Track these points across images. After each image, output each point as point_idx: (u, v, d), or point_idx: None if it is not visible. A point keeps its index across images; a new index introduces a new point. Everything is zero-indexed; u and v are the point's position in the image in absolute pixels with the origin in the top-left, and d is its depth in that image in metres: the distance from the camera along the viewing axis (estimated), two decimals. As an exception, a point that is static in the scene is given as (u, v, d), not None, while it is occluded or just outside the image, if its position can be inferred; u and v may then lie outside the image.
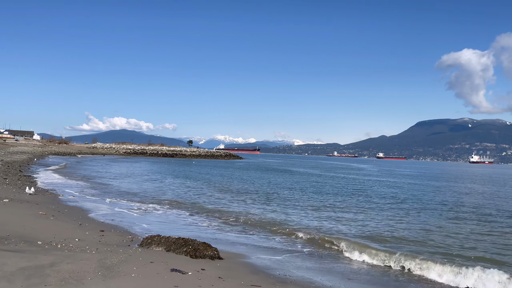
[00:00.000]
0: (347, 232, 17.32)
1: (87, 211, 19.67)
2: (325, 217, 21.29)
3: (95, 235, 13.52)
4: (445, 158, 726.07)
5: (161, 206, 23.44)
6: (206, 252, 11.67)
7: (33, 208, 17.80)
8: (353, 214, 22.89)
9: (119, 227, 15.99)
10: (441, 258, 13.01)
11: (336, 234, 16.53)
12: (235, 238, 15.89)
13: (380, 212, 23.96)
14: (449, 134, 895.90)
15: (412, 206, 27.40)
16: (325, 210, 24.21)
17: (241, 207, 24.52)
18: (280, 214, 21.94)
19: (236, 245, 14.43)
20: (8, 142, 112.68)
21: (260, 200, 28.40)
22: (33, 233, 12.60)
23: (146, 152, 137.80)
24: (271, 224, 18.65)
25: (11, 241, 11.14)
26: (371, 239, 15.88)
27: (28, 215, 15.58)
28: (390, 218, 21.52)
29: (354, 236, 16.27)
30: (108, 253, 10.96)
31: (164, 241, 12.34)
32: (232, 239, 15.52)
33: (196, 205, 24.35)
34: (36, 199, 21.00)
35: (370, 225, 19.32)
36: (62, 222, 15.17)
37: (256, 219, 19.87)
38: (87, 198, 24.93)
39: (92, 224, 15.76)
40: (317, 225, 18.73)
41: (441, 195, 36.89)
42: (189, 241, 12.12)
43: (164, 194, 29.56)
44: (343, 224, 19.43)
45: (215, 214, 21.35)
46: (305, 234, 16.48)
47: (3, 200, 18.89)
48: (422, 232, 17.67)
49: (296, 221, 19.90)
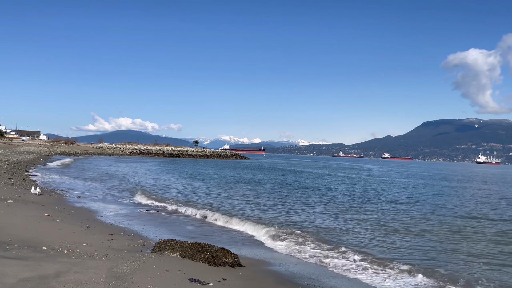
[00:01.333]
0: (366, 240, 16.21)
1: (94, 212, 18.76)
2: (351, 219, 20.21)
3: (104, 239, 12.56)
4: (451, 158, 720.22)
5: (171, 207, 22.48)
6: (226, 258, 10.66)
7: (38, 209, 16.91)
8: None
9: (129, 230, 15.03)
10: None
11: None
12: (254, 242, 14.86)
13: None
14: (455, 134, 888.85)
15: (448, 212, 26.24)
16: (351, 212, 23.14)
17: (257, 209, 23.50)
18: (296, 215, 20.89)
19: (255, 250, 13.40)
20: (15, 142, 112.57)
21: (276, 202, 27.36)
22: (38, 237, 11.67)
23: (152, 152, 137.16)
24: (290, 227, 17.59)
25: (13, 246, 10.20)
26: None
27: (32, 217, 14.67)
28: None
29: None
30: (119, 260, 9.98)
31: (179, 246, 11.34)
32: (250, 244, 14.48)
33: (207, 207, 23.36)
34: (41, 199, 20.14)
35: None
36: (68, 224, 14.25)
37: (275, 222, 18.82)
38: (94, 199, 24.05)
39: (100, 227, 14.81)
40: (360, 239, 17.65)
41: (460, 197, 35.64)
42: (206, 246, 11.11)
43: (173, 195, 28.60)
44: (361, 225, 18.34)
45: (231, 215, 20.32)
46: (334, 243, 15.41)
47: (7, 201, 18.03)
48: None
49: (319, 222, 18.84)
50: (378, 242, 15.20)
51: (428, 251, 14.03)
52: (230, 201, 26.50)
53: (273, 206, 24.70)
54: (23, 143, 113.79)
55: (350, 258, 12.66)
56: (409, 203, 28.59)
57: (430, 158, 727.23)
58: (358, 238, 15.87)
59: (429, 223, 19.99)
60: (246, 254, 12.52)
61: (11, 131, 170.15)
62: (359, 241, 15.20)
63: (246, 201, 26.43)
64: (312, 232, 16.44)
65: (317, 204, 26.32)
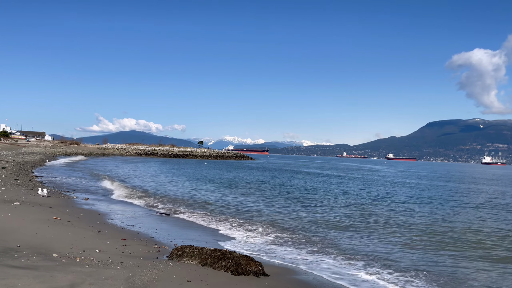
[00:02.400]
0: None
1: (104, 215, 18.08)
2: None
3: (117, 245, 11.85)
4: (456, 159, 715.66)
5: (182, 210, 21.76)
6: (249, 267, 9.90)
7: (46, 212, 16.24)
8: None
9: (142, 234, 14.31)
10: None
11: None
12: (274, 248, 14.09)
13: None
14: (460, 134, 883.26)
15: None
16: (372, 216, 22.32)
17: (272, 212, 22.74)
18: (314, 215, 20.11)
19: (277, 257, 12.64)
20: (20, 143, 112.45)
21: (292, 202, 26.59)
22: (47, 242, 10.97)
23: (157, 153, 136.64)
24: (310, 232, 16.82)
25: (22, 253, 9.50)
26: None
27: (41, 220, 13.99)
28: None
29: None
30: (136, 268, 9.26)
31: (198, 253, 10.60)
32: (271, 250, 13.71)
33: (219, 208, 22.63)
34: (49, 201, 19.49)
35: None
36: (78, 228, 13.55)
37: (294, 226, 18.05)
38: (103, 200, 23.39)
39: (111, 231, 14.11)
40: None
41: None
42: (227, 253, 10.36)
43: (182, 196, 27.90)
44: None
45: (247, 220, 19.55)
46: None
47: (14, 203, 17.39)
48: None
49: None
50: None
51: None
52: (243, 204, 25.75)
53: (288, 207, 23.96)
54: (28, 143, 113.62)
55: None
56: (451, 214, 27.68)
57: (434, 159, 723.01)
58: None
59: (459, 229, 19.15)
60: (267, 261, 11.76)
61: (16, 132, 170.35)
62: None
63: (263, 204, 25.68)
64: (332, 240, 15.65)
65: (344, 213, 25.48)
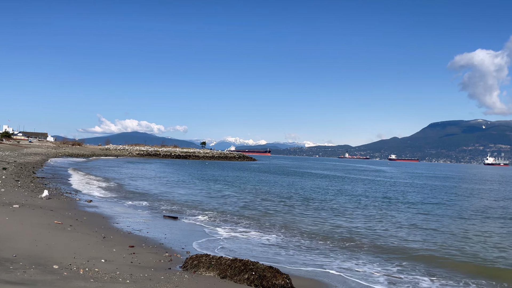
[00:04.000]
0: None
1: (108, 218, 16.96)
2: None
3: (124, 253, 10.71)
4: (458, 160, 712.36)
5: (192, 212, 20.62)
6: (276, 280, 8.75)
7: (47, 215, 15.13)
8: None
9: (150, 240, 13.17)
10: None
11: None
12: (299, 257, 12.90)
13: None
14: (462, 135, 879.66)
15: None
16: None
17: (292, 216, 21.58)
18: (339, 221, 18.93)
19: (304, 264, 11.46)
20: (22, 143, 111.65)
21: (306, 204, 25.43)
22: (47, 251, 9.84)
23: (160, 154, 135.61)
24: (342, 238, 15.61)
25: (18, 265, 8.37)
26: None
27: (41, 225, 12.88)
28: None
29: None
30: (147, 282, 8.12)
31: (216, 263, 9.46)
32: (296, 259, 12.50)
33: (231, 211, 21.48)
34: (50, 204, 18.39)
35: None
36: (82, 234, 12.43)
37: (318, 231, 16.85)
38: (107, 202, 22.29)
39: (117, 237, 12.98)
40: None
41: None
42: (249, 264, 9.21)
43: (189, 198, 26.77)
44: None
45: (264, 225, 18.36)
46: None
47: (13, 206, 16.28)
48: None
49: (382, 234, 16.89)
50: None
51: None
52: (257, 207, 24.61)
53: (306, 210, 22.81)
54: (30, 144, 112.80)
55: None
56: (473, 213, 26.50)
57: (436, 160, 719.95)
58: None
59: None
60: (285, 266, 10.60)
61: (18, 132, 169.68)
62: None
63: (278, 208, 24.53)
64: (370, 243, 14.48)
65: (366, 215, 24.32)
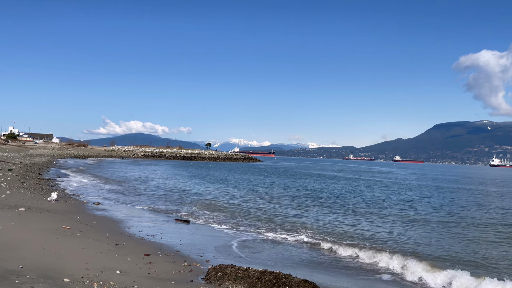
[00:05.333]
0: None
1: (119, 222, 16.08)
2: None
3: (140, 263, 9.80)
4: (463, 161, 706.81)
5: (205, 215, 19.70)
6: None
7: (55, 219, 14.28)
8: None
9: (166, 247, 12.25)
10: None
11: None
12: (340, 270, 11.94)
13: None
14: (467, 137, 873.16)
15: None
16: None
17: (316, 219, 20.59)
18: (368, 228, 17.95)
19: (341, 280, 10.50)
20: (28, 145, 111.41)
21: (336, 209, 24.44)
22: (57, 261, 8.95)
23: (165, 155, 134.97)
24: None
25: (25, 278, 7.48)
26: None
27: (48, 231, 12.01)
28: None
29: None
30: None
31: (243, 276, 8.52)
32: (332, 272, 11.54)
33: (250, 215, 20.51)
34: (57, 207, 17.56)
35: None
36: (93, 240, 11.54)
37: (347, 237, 15.90)
38: (115, 205, 21.44)
39: (130, 243, 12.08)
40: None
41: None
42: (281, 277, 8.26)
43: (200, 200, 25.85)
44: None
45: (284, 228, 17.40)
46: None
47: (18, 209, 15.45)
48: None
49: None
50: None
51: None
52: (271, 210, 23.66)
53: (321, 212, 21.85)
54: (36, 146, 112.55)
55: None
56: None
57: (441, 161, 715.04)
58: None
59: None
60: (321, 280, 9.65)
61: (24, 134, 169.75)
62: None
63: (294, 209, 23.56)
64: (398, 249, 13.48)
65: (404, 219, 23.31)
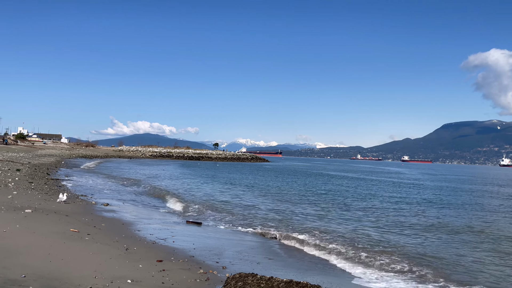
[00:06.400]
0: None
1: (128, 224, 15.41)
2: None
3: (153, 270, 9.06)
4: (472, 161, 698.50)
5: (216, 217, 18.97)
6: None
7: (62, 222, 13.64)
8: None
9: (179, 252, 11.51)
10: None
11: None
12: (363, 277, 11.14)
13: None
14: (476, 136, 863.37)
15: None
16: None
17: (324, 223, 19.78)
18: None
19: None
20: (37, 145, 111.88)
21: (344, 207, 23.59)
22: (63, 268, 8.25)
23: (173, 155, 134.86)
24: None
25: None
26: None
27: (55, 234, 11.35)
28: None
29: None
30: (188, 313, 6.44)
31: (266, 286, 7.73)
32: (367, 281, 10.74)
33: (264, 215, 19.77)
34: (65, 208, 16.96)
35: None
36: (102, 245, 10.84)
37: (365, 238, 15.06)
38: (124, 206, 20.82)
39: (141, 248, 11.36)
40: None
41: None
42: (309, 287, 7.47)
43: (211, 201, 25.15)
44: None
45: (308, 230, 16.61)
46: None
47: (24, 211, 14.85)
48: None
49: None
50: None
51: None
52: (290, 212, 22.87)
53: (335, 212, 21.03)
54: (44, 146, 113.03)
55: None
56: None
57: (450, 161, 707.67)
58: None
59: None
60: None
61: (33, 134, 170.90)
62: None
63: (312, 209, 22.76)
64: (413, 256, 12.62)
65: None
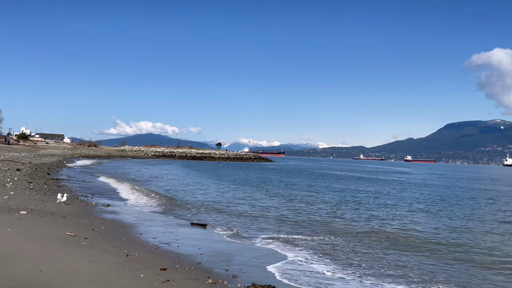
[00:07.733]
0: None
1: (130, 227, 14.47)
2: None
3: (156, 281, 8.09)
4: (476, 161, 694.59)
5: (223, 219, 18.00)
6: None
7: (58, 224, 12.71)
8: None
9: (184, 258, 10.54)
10: None
11: None
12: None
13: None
14: (480, 136, 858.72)
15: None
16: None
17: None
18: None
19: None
20: (39, 145, 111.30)
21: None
22: (55, 279, 7.30)
23: (175, 155, 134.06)
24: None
25: (11, 306, 5.83)
26: None
27: (49, 238, 10.41)
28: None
29: None
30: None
31: (286, 301, 6.76)
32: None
33: (274, 217, 18.77)
34: (63, 209, 16.06)
35: None
36: (100, 251, 9.88)
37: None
38: (126, 206, 19.92)
39: (143, 254, 10.39)
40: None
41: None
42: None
43: (216, 203, 24.20)
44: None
45: (318, 237, 15.60)
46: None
47: (19, 213, 13.94)
48: None
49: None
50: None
51: None
52: (298, 214, 21.88)
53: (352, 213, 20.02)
54: (47, 146, 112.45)
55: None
56: None
57: (453, 161, 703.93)
58: None
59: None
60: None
61: (35, 134, 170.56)
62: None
63: (325, 210, 21.75)
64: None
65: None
